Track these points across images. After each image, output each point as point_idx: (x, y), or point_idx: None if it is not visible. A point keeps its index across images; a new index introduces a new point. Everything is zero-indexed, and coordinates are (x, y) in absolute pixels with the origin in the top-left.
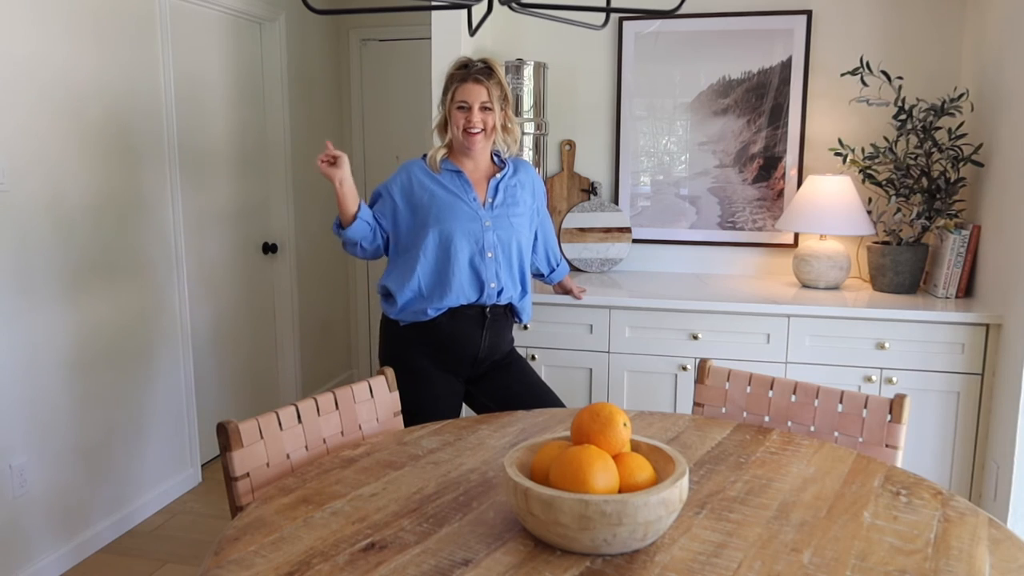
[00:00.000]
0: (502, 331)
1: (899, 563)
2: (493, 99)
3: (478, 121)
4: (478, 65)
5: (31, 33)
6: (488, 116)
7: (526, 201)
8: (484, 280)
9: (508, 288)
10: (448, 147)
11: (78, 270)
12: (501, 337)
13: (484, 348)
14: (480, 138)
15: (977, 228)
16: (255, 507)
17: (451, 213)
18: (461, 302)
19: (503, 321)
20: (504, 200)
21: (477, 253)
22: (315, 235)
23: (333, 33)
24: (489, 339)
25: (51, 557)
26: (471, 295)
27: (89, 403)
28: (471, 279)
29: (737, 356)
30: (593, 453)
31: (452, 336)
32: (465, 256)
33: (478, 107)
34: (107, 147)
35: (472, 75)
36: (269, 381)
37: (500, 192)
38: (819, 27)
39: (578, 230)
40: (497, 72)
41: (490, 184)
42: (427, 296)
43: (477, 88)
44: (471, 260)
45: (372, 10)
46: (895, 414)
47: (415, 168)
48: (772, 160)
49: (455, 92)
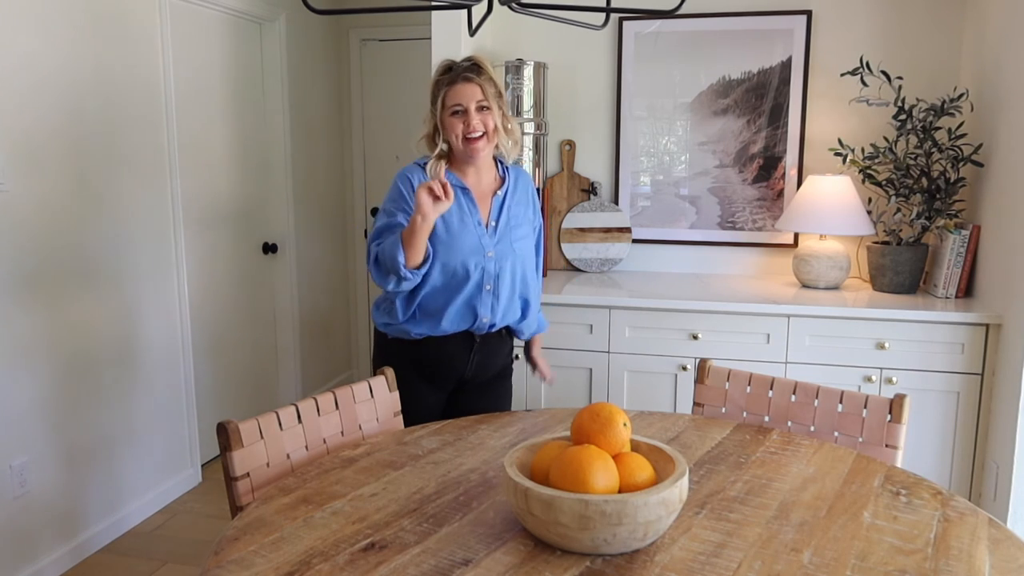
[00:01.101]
0: (494, 351)
1: (899, 563)
2: (489, 97)
3: (478, 124)
4: (464, 64)
5: (32, 33)
6: (487, 117)
7: (528, 218)
8: (477, 314)
9: (502, 319)
10: (447, 157)
11: (78, 270)
12: (493, 357)
13: (471, 369)
14: (483, 143)
15: (977, 228)
16: (255, 507)
17: (457, 243)
18: (448, 332)
19: (495, 342)
20: (508, 221)
21: (475, 286)
22: (315, 235)
23: (333, 33)
24: (477, 361)
25: (51, 557)
26: (460, 326)
27: (89, 403)
28: (464, 312)
29: (737, 356)
30: (593, 453)
31: (438, 358)
32: (465, 293)
33: (474, 108)
34: (107, 147)
35: (461, 75)
36: (269, 381)
37: (504, 212)
38: (819, 27)
39: (578, 230)
40: (487, 68)
41: (493, 202)
42: (418, 321)
43: (469, 88)
44: (469, 296)
45: (372, 10)
46: (895, 414)
47: (419, 179)
48: (772, 160)
49: (445, 96)
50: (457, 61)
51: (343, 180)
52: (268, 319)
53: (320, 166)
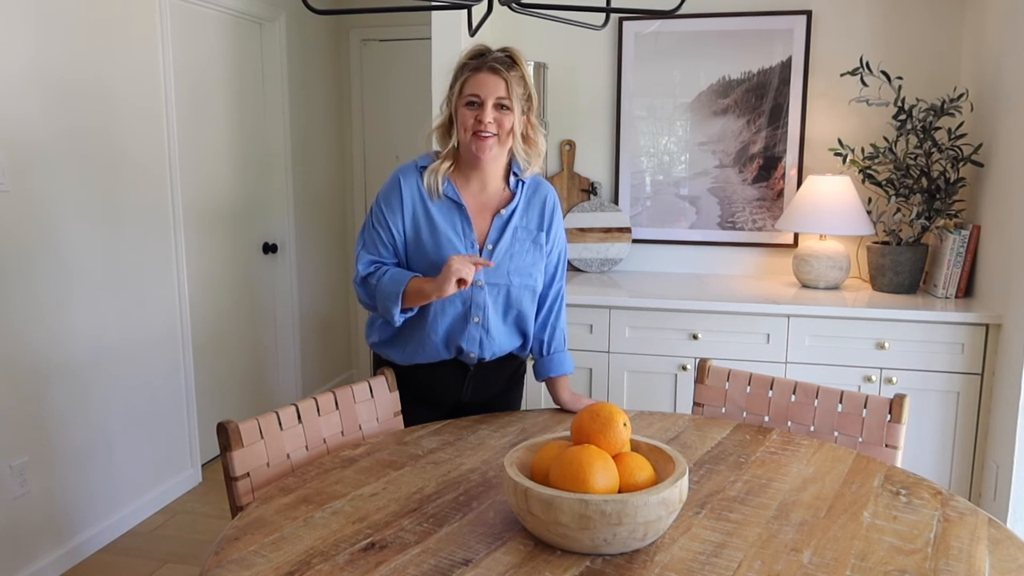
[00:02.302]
0: (493, 376)
1: (899, 563)
2: (513, 96)
3: (491, 121)
4: (498, 54)
5: (32, 33)
6: (505, 117)
7: (538, 245)
8: (463, 348)
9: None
10: (453, 160)
11: (78, 270)
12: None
13: (467, 395)
14: (492, 143)
15: (977, 228)
16: (255, 507)
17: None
18: (435, 360)
19: (494, 367)
20: (510, 248)
21: (460, 317)
22: (315, 235)
23: (333, 33)
24: (474, 387)
25: (51, 557)
26: (444, 355)
27: (89, 403)
28: (446, 343)
29: (737, 356)
30: (593, 453)
31: (430, 384)
32: (446, 321)
33: (492, 103)
34: (107, 147)
35: (488, 64)
36: (269, 381)
37: (506, 235)
38: (819, 27)
39: (578, 230)
40: (521, 65)
41: (495, 220)
42: (403, 348)
43: (494, 80)
44: (450, 326)
45: (372, 10)
46: (895, 414)
47: (408, 187)
48: (772, 160)
49: (464, 84)
50: (493, 49)
51: (343, 180)
52: (268, 319)
53: (320, 166)
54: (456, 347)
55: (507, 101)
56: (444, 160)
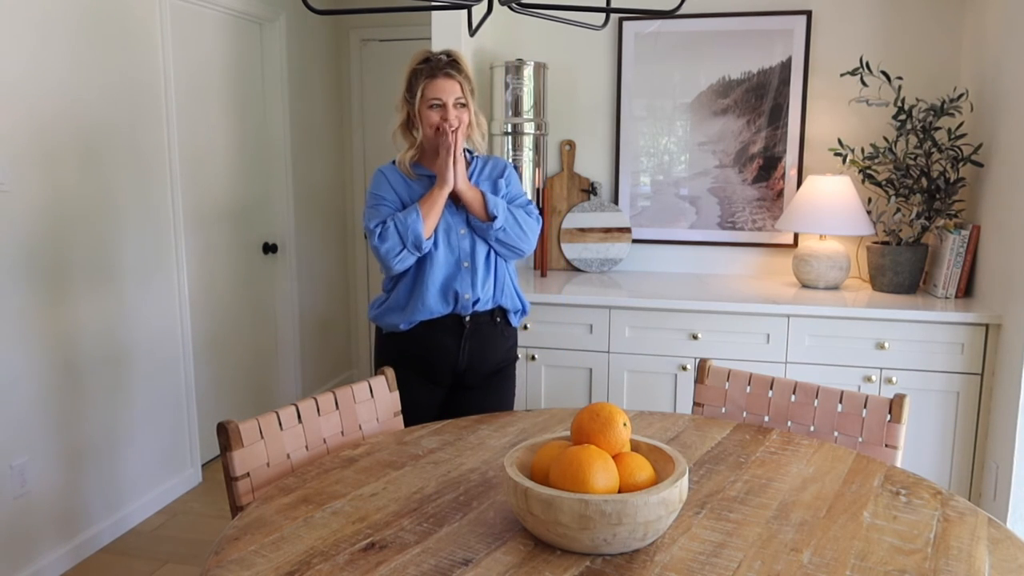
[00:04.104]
0: (488, 341)
1: (899, 563)
2: (467, 94)
3: (455, 119)
4: (443, 59)
5: (32, 33)
6: (463, 113)
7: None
8: (459, 291)
9: (485, 298)
10: (418, 149)
11: (78, 270)
12: (488, 347)
13: (463, 360)
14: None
15: (977, 228)
16: (255, 507)
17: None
18: (435, 315)
19: (488, 329)
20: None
21: (453, 264)
22: (315, 235)
23: (333, 33)
24: (470, 349)
25: (51, 557)
26: (443, 308)
27: (89, 403)
28: (444, 291)
29: (737, 356)
30: (593, 453)
31: (427, 348)
32: (443, 271)
33: (452, 104)
34: (107, 147)
35: (442, 70)
36: (269, 381)
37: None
38: (819, 27)
39: (578, 230)
40: (464, 65)
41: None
42: (404, 308)
43: (450, 84)
44: (446, 274)
45: (372, 10)
46: (895, 414)
47: (390, 175)
48: (772, 160)
49: (425, 89)
50: (435, 52)
51: (343, 180)
52: (268, 319)
53: (320, 166)
54: (453, 293)
55: (464, 100)
56: (409, 150)
